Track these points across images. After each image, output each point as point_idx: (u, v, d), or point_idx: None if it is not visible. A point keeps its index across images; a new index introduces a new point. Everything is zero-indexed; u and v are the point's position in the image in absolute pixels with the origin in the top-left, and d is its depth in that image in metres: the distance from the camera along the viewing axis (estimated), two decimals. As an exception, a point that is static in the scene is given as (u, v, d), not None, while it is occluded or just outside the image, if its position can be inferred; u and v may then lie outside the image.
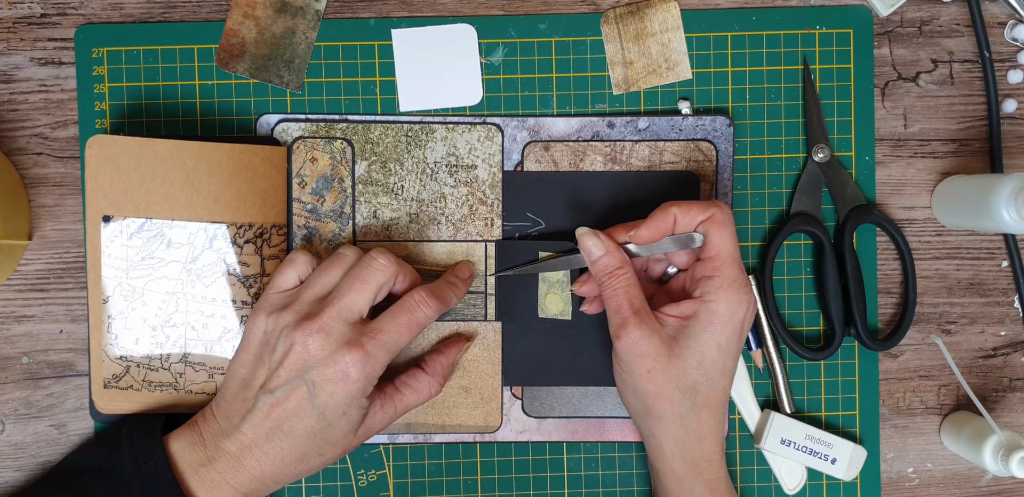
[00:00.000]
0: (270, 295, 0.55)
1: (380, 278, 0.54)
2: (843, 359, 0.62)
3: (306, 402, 0.51)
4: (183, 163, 0.56)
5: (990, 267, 0.63)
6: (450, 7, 0.61)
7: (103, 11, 0.60)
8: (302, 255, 0.56)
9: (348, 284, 0.53)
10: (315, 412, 0.52)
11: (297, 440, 0.52)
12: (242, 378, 0.53)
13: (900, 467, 0.63)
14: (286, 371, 0.52)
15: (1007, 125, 0.63)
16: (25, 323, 0.60)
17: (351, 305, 0.53)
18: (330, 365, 0.51)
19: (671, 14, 0.60)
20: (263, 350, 0.53)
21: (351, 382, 0.51)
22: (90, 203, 0.56)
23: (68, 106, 0.60)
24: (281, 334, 0.52)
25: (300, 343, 0.51)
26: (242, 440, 0.52)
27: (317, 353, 0.51)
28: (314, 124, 0.60)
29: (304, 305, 0.53)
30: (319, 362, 0.51)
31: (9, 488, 0.60)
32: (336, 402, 0.52)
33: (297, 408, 0.52)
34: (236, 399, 0.53)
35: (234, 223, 0.57)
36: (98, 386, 0.57)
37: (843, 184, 0.61)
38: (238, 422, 0.52)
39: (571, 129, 0.61)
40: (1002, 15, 0.62)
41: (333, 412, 0.52)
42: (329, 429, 0.52)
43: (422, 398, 0.57)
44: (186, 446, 0.53)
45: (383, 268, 0.54)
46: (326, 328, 0.52)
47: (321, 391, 0.51)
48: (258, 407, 0.52)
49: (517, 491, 0.61)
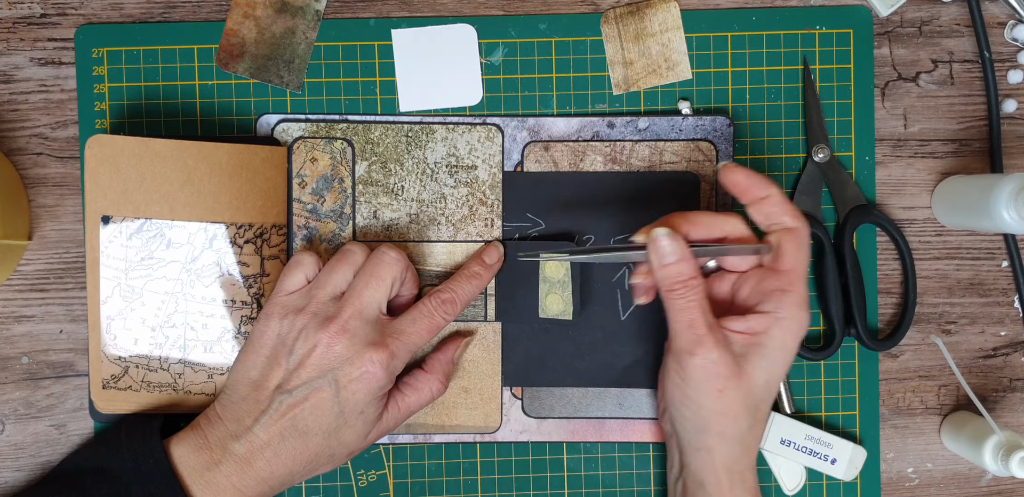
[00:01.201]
0: (279, 297, 0.55)
1: (393, 272, 0.54)
2: (843, 359, 0.62)
3: (327, 401, 0.52)
4: (183, 163, 0.56)
5: (990, 267, 0.63)
6: (450, 7, 0.61)
7: (103, 11, 0.60)
8: (308, 256, 0.56)
9: (363, 282, 0.53)
10: (335, 411, 0.52)
11: (312, 439, 0.52)
12: (253, 380, 0.53)
13: (900, 467, 0.63)
14: (307, 371, 0.52)
15: (1007, 125, 0.63)
16: (25, 323, 0.60)
17: (369, 303, 0.53)
18: (356, 365, 0.52)
19: (671, 14, 0.60)
20: (277, 352, 0.53)
21: (375, 380, 0.52)
22: (90, 203, 0.56)
23: (68, 106, 0.60)
24: (300, 336, 0.52)
25: (324, 344, 0.52)
26: (253, 441, 0.52)
27: (343, 353, 0.52)
28: (314, 124, 0.60)
29: (320, 306, 0.53)
30: (345, 362, 0.52)
31: (9, 488, 0.60)
32: (358, 400, 0.52)
33: (316, 406, 0.52)
34: (247, 400, 0.53)
35: (234, 223, 0.57)
36: (97, 387, 0.57)
37: (843, 184, 0.61)
38: (250, 423, 0.52)
39: (571, 129, 0.61)
40: (1002, 15, 0.62)
41: (352, 410, 0.52)
42: (344, 428, 0.52)
43: (425, 398, 0.57)
44: (190, 450, 0.52)
45: (395, 262, 0.54)
46: (349, 328, 0.52)
47: (344, 390, 0.52)
48: (273, 407, 0.52)
49: (517, 491, 0.61)
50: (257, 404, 0.52)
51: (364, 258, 0.55)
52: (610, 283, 0.61)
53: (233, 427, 0.52)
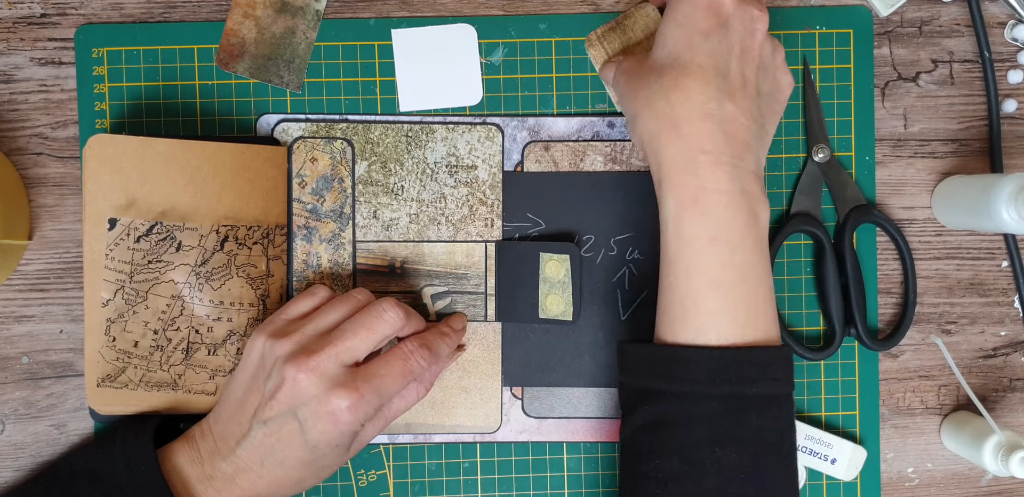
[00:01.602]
0: (277, 318, 0.55)
1: (386, 330, 0.53)
2: (843, 359, 0.62)
3: (297, 436, 0.51)
4: (186, 163, 0.56)
5: (990, 267, 0.63)
6: (450, 7, 0.61)
7: (103, 11, 0.60)
8: (323, 290, 0.56)
9: (354, 329, 0.52)
10: (307, 447, 0.52)
11: (290, 469, 0.52)
12: (237, 399, 0.53)
13: (900, 467, 0.63)
14: (278, 403, 0.51)
15: (1007, 125, 0.63)
16: (25, 323, 0.60)
17: (351, 350, 0.52)
18: (322, 404, 0.51)
19: (651, 18, 0.60)
20: (258, 373, 0.53)
21: (342, 423, 0.51)
22: (89, 203, 0.56)
23: (68, 106, 0.60)
24: (276, 364, 0.52)
25: (291, 378, 0.51)
26: (237, 463, 0.52)
27: (308, 390, 0.51)
28: (314, 124, 0.60)
29: (304, 337, 0.53)
30: (310, 399, 0.51)
31: (9, 488, 0.60)
32: (328, 439, 0.51)
33: (289, 441, 0.52)
34: (232, 421, 0.53)
35: (243, 224, 0.57)
36: (92, 386, 0.57)
37: (843, 184, 0.61)
38: (233, 445, 0.52)
39: (571, 129, 0.61)
40: (1002, 15, 0.62)
41: (325, 445, 0.52)
42: (321, 459, 0.53)
43: (409, 403, 0.57)
44: (186, 462, 0.53)
45: (391, 321, 0.53)
46: (320, 368, 0.51)
47: (312, 429, 0.51)
48: (252, 434, 0.52)
49: (517, 491, 0.61)
50: (239, 427, 0.53)
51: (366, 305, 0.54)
52: (610, 283, 0.61)
53: (221, 445, 0.53)
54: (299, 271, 0.60)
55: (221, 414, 0.54)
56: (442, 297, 0.61)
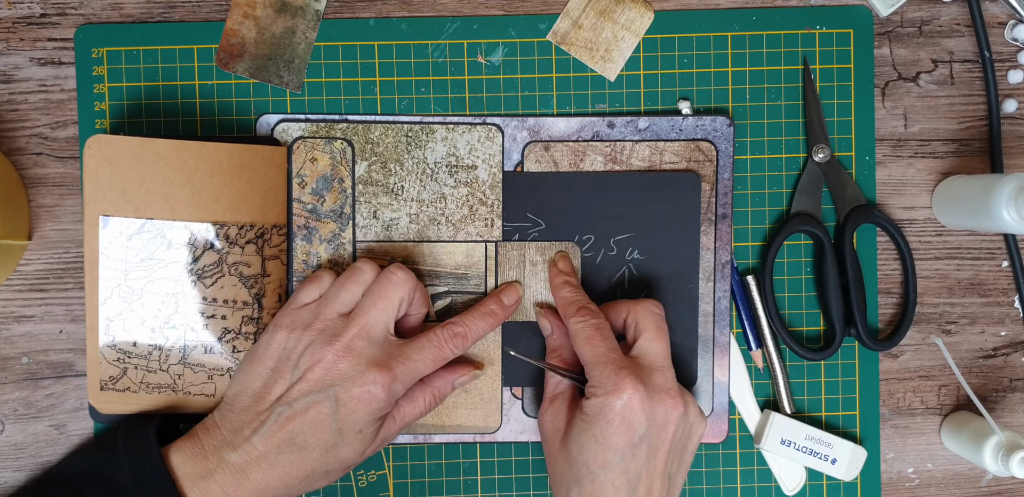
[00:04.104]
0: (290, 309, 0.55)
1: (400, 293, 0.54)
2: (843, 359, 0.62)
3: (326, 417, 0.52)
4: (184, 163, 0.56)
5: (990, 267, 0.63)
6: (450, 7, 0.61)
7: (103, 11, 0.60)
8: (327, 274, 0.57)
9: (371, 302, 0.54)
10: (333, 427, 0.52)
11: (308, 454, 0.52)
12: (255, 390, 0.53)
13: (900, 467, 0.63)
14: (308, 384, 0.52)
15: (1007, 125, 0.63)
16: (25, 323, 0.60)
17: (376, 323, 0.53)
18: (358, 384, 0.52)
19: (641, 20, 0.60)
20: (282, 365, 0.53)
21: (376, 401, 0.52)
22: (89, 203, 0.56)
23: (68, 106, 0.60)
24: (306, 351, 0.53)
25: (328, 361, 0.52)
26: (251, 452, 0.52)
27: (346, 371, 0.52)
28: (314, 124, 0.60)
29: (328, 323, 0.53)
30: (346, 379, 0.52)
31: (9, 488, 0.60)
32: (356, 419, 0.52)
33: (315, 421, 0.52)
34: (247, 411, 0.53)
35: (235, 223, 0.57)
36: (95, 389, 0.57)
37: (843, 184, 0.61)
38: (248, 434, 0.52)
39: (571, 129, 0.61)
40: (1002, 15, 0.62)
41: (351, 428, 0.52)
42: (341, 445, 0.53)
43: (420, 411, 0.57)
44: (186, 459, 0.52)
45: (403, 282, 0.54)
46: (354, 347, 0.52)
47: (343, 408, 0.52)
48: (272, 419, 0.52)
49: (517, 491, 0.61)
50: (257, 416, 0.52)
51: (374, 276, 0.55)
52: (610, 283, 0.61)
53: (231, 437, 0.52)
54: (299, 271, 0.60)
55: (233, 407, 0.54)
56: (442, 297, 0.61)
